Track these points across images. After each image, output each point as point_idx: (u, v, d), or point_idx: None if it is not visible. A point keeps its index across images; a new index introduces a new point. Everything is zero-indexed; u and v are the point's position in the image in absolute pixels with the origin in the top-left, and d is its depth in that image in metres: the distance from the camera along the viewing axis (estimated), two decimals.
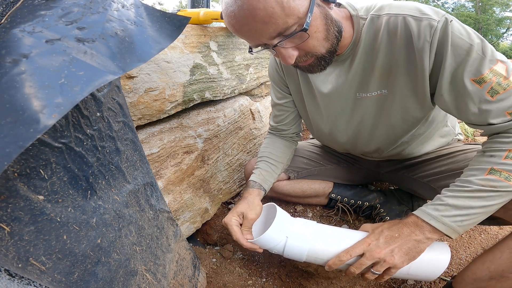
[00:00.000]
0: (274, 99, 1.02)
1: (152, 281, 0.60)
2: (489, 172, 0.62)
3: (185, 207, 0.95)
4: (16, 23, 0.35)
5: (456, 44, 0.61)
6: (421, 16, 0.63)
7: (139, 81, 0.80)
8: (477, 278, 0.68)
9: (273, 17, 0.57)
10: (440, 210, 0.64)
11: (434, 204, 0.66)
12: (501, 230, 1.08)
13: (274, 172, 0.99)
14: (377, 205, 1.11)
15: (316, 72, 0.73)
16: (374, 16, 0.69)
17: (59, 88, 0.29)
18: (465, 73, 0.62)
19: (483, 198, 0.61)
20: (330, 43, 0.66)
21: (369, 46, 0.71)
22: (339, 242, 0.74)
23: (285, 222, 0.79)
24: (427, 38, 0.62)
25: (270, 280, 0.98)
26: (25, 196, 0.35)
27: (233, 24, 0.62)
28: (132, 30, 0.45)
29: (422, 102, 0.73)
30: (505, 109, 0.61)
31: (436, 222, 0.64)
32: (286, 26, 0.59)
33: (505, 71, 0.61)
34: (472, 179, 0.63)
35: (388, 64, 0.71)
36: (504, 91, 0.60)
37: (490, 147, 0.64)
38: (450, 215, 0.63)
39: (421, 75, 0.67)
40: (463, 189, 0.63)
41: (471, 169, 0.66)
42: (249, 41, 0.66)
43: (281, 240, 0.77)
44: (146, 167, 0.62)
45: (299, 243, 0.76)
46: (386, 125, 0.81)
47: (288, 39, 0.62)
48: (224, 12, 0.63)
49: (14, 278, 0.39)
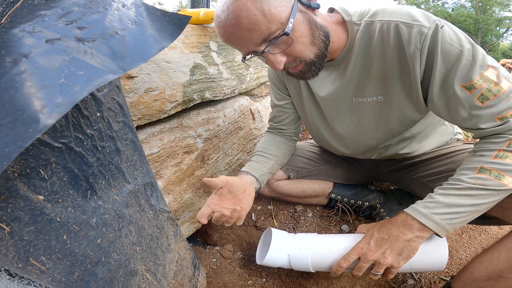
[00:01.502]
0: (274, 100, 1.03)
1: (152, 281, 0.60)
2: (479, 170, 0.62)
3: (185, 207, 0.95)
4: (16, 23, 0.35)
5: (445, 50, 0.62)
6: (412, 23, 0.64)
7: (139, 81, 0.79)
8: (475, 278, 0.68)
9: (256, 24, 0.59)
10: (430, 207, 0.65)
11: (425, 201, 0.67)
12: (501, 230, 1.08)
13: (266, 163, 0.98)
14: (377, 205, 1.11)
15: (309, 78, 0.73)
16: (368, 22, 0.70)
17: (58, 88, 0.29)
18: (455, 79, 0.63)
19: (473, 196, 0.62)
20: (317, 47, 0.67)
21: (364, 51, 0.72)
22: (338, 249, 0.76)
23: (282, 243, 0.85)
24: (418, 45, 0.63)
25: (270, 280, 0.98)
26: (25, 196, 0.35)
27: (222, 34, 0.66)
28: (132, 29, 0.45)
29: (418, 106, 0.74)
30: (494, 114, 0.62)
31: (425, 220, 0.64)
32: (269, 32, 0.61)
33: (495, 77, 0.61)
34: (462, 177, 0.64)
35: (383, 70, 0.72)
36: (494, 97, 0.61)
37: (480, 147, 0.66)
38: (440, 212, 0.63)
39: (414, 81, 0.68)
40: (453, 187, 0.64)
41: (462, 168, 0.67)
42: (239, 49, 0.68)
43: (284, 259, 0.83)
44: (146, 167, 0.62)
45: (301, 258, 0.81)
46: (385, 129, 0.82)
47: (273, 44, 0.64)
48: (216, 24, 0.67)
49: (14, 278, 0.39)
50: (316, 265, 0.80)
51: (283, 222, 1.19)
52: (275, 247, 0.83)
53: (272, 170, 1.01)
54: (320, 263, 0.79)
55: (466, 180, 0.63)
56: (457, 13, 17.04)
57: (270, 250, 0.83)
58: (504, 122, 0.62)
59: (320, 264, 0.79)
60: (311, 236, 0.85)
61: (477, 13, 16.63)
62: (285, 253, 0.83)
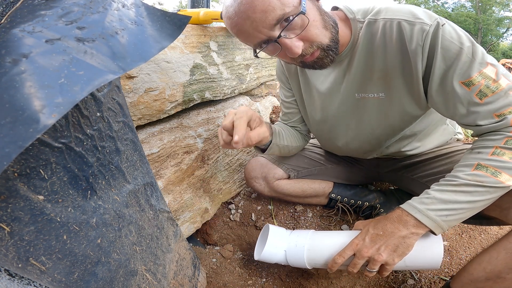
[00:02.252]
0: (282, 97, 1.05)
1: (152, 281, 0.60)
2: (476, 167, 0.63)
3: (185, 207, 0.95)
4: (16, 23, 0.35)
5: (446, 47, 0.63)
6: (414, 21, 0.65)
7: (139, 81, 0.80)
8: (474, 278, 0.68)
9: (270, 5, 0.60)
10: (426, 203, 0.65)
11: (421, 197, 0.67)
12: (501, 230, 1.08)
13: (283, 138, 0.94)
14: (377, 205, 1.11)
15: (327, 64, 0.73)
16: (371, 20, 0.71)
17: (58, 88, 0.29)
18: (454, 76, 0.63)
19: (469, 193, 0.62)
20: (329, 32, 0.68)
21: (367, 49, 0.73)
22: (334, 245, 0.77)
23: (279, 238, 0.86)
24: (419, 42, 0.64)
25: (270, 280, 0.98)
26: (25, 196, 0.35)
27: (236, 22, 0.64)
28: (132, 29, 0.45)
29: (419, 102, 0.74)
30: (493, 111, 0.63)
31: (421, 216, 0.64)
32: (283, 13, 0.61)
33: (494, 74, 0.62)
34: (459, 174, 0.64)
35: (385, 67, 0.72)
36: (493, 94, 0.62)
37: (478, 145, 0.66)
38: (436, 208, 0.63)
39: (416, 77, 0.69)
40: (449, 183, 0.64)
41: (459, 165, 0.67)
42: (252, 38, 0.66)
43: (281, 255, 0.84)
44: (146, 167, 0.62)
45: (297, 254, 0.82)
46: (385, 126, 0.83)
47: (289, 28, 0.64)
48: (226, 15, 0.66)
49: (14, 278, 0.39)
50: (312, 261, 0.80)
51: (283, 222, 1.19)
52: (272, 242, 0.84)
53: (283, 150, 0.97)
54: (316, 259, 0.79)
55: (463, 176, 0.63)
56: (457, 13, 17.05)
57: (266, 245, 0.83)
58: (502, 119, 0.62)
59: (315, 260, 0.80)
60: (308, 233, 0.85)
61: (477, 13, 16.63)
62: (281, 249, 0.84)
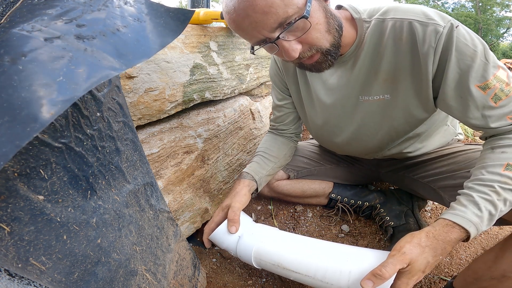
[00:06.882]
0: (275, 100, 1.03)
1: (152, 281, 0.60)
2: (506, 167, 0.60)
3: (185, 207, 0.95)
4: (15, 23, 0.35)
5: (460, 50, 0.61)
6: (427, 21, 0.63)
7: (139, 81, 0.79)
8: (478, 277, 0.68)
9: (273, 7, 0.56)
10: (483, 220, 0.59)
11: (475, 212, 0.59)
12: (501, 230, 1.08)
13: (266, 165, 0.98)
14: (377, 205, 1.11)
15: (325, 69, 0.72)
16: (379, 20, 0.69)
17: (57, 86, 0.29)
18: (470, 79, 0.62)
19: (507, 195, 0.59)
20: (332, 36, 0.66)
21: (373, 49, 0.71)
22: (295, 249, 0.72)
23: (242, 224, 0.81)
24: (432, 43, 0.63)
25: (270, 280, 0.98)
26: (25, 196, 0.35)
27: (234, 19, 0.62)
28: (134, 26, 0.45)
29: (426, 105, 0.73)
30: (506, 114, 0.62)
31: (475, 231, 0.59)
32: (286, 16, 0.58)
33: (506, 77, 0.62)
34: (492, 177, 0.60)
35: (393, 69, 0.70)
36: (506, 97, 0.62)
37: (498, 144, 0.63)
38: (486, 224, 0.59)
39: (425, 80, 0.67)
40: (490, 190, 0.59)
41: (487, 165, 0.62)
42: (250, 36, 0.64)
43: (233, 240, 0.79)
44: (146, 167, 0.62)
45: (248, 243, 0.77)
46: (389, 128, 0.81)
47: (289, 30, 0.61)
48: (225, 10, 0.63)
49: (14, 278, 0.39)
50: (258, 256, 0.75)
51: (283, 222, 1.19)
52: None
53: (272, 172, 1.01)
54: (264, 256, 0.74)
55: (495, 179, 0.59)
56: (457, 13, 17.04)
57: (222, 224, 0.80)
58: None
59: (263, 256, 0.74)
60: (274, 230, 0.81)
61: (477, 13, 16.63)
62: (237, 234, 0.79)
